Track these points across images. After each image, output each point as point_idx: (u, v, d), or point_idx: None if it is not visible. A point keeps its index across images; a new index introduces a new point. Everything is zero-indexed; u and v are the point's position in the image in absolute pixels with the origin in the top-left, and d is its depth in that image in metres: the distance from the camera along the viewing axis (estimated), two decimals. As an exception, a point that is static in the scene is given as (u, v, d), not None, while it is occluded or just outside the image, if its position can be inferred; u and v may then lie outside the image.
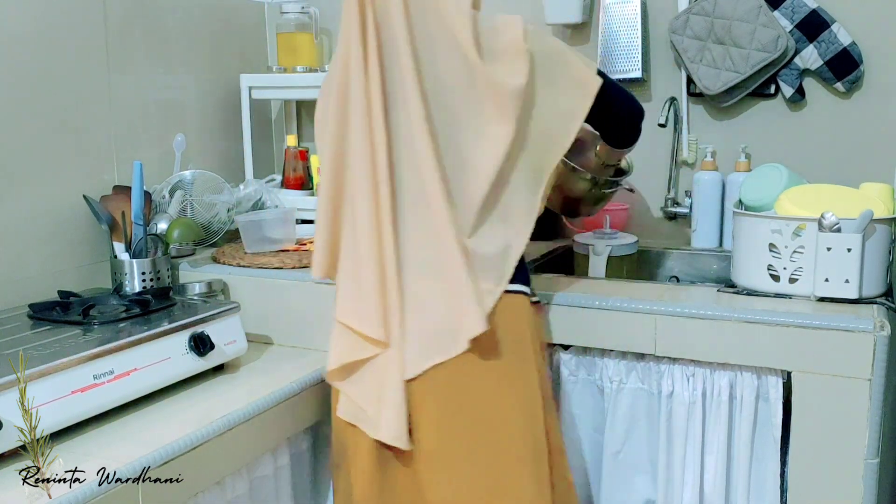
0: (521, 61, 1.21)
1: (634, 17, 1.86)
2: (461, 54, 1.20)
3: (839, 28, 1.72)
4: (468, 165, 1.21)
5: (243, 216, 1.71)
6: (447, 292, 1.18)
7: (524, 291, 1.26)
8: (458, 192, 1.20)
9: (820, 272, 1.32)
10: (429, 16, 1.21)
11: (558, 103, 1.26)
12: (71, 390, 1.13)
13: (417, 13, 1.20)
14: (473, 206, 1.21)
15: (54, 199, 1.57)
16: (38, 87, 1.54)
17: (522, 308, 1.25)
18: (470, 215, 1.21)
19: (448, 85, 1.21)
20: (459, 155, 1.21)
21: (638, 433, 1.40)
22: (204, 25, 1.95)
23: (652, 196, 1.97)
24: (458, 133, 1.21)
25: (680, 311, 1.32)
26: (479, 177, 1.20)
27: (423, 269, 1.20)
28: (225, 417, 1.19)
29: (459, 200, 1.20)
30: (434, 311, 1.19)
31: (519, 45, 1.22)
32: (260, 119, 2.17)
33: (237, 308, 1.45)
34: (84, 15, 1.63)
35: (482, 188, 1.20)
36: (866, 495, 1.23)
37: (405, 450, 1.19)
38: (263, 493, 1.31)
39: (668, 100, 1.81)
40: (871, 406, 1.21)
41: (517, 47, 1.22)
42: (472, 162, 1.21)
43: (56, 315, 1.36)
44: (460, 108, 1.21)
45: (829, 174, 1.73)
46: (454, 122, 1.21)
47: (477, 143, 1.21)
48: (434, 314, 1.19)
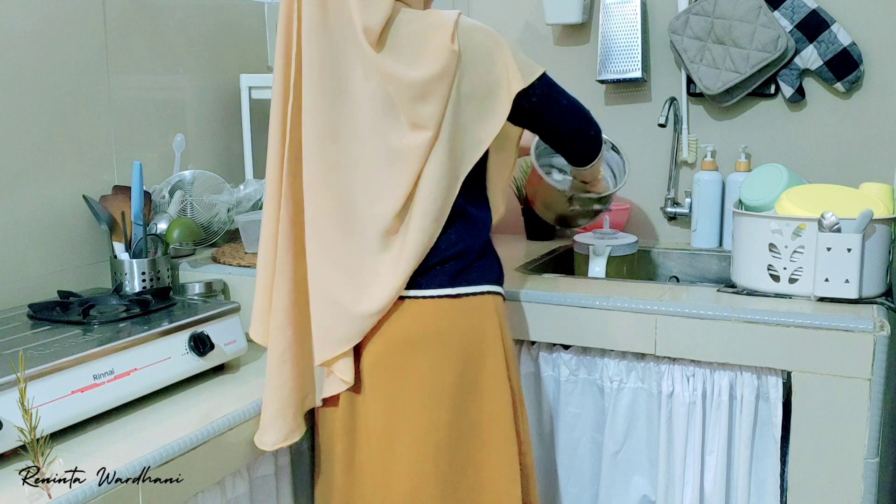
0: (439, 56, 1.14)
1: (634, 17, 1.86)
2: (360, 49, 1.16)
3: (839, 28, 1.72)
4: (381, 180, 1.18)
5: (243, 216, 1.71)
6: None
7: (493, 291, 1.24)
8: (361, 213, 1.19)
9: (820, 272, 1.32)
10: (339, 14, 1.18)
11: (479, 106, 1.19)
12: (71, 390, 1.13)
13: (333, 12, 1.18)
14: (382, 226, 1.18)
15: (54, 199, 1.57)
16: (38, 87, 1.54)
17: (490, 309, 1.23)
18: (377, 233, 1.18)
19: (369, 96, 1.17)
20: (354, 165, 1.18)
21: (638, 433, 1.40)
22: (204, 25, 1.95)
23: (652, 196, 1.97)
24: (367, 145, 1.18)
25: (680, 311, 1.32)
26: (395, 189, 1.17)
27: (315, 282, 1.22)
28: (225, 417, 1.19)
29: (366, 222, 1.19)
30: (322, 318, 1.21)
31: (443, 43, 1.15)
32: (260, 119, 2.17)
33: (237, 308, 1.45)
34: (84, 15, 1.63)
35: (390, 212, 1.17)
36: (866, 495, 1.23)
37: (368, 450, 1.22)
38: (263, 493, 1.31)
39: (668, 100, 1.82)
40: (871, 406, 1.21)
41: (440, 45, 1.15)
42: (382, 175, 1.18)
43: (56, 315, 1.36)
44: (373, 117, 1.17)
45: (829, 174, 1.74)
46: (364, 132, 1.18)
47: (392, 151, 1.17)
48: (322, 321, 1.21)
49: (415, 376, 1.18)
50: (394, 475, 1.19)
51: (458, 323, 1.20)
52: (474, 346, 1.20)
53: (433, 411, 1.18)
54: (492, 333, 1.22)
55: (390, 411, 1.20)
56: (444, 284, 1.20)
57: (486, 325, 1.22)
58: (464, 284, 1.21)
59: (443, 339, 1.19)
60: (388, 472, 1.20)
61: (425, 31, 1.17)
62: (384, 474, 1.20)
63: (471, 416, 1.21)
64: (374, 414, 1.21)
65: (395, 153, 1.16)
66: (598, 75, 1.90)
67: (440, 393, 1.19)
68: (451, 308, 1.20)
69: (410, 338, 1.18)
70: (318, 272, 1.20)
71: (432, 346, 1.18)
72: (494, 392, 1.21)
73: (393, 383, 1.19)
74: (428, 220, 1.17)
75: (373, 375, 1.21)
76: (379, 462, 1.21)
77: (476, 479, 1.22)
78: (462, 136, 1.19)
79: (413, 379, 1.19)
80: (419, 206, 1.17)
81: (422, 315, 1.19)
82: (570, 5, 1.89)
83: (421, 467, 1.18)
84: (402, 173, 1.16)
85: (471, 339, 1.20)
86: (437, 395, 1.18)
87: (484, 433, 1.21)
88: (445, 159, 1.16)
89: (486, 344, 1.21)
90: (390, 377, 1.19)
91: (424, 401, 1.18)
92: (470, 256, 1.22)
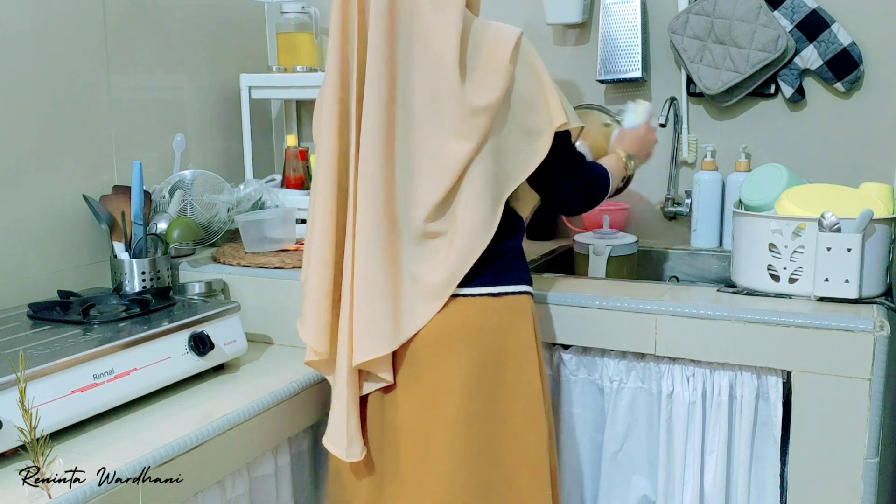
0: (498, 78, 1.18)
1: (634, 17, 1.86)
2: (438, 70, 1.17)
3: (839, 28, 1.72)
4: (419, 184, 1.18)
5: (243, 216, 1.71)
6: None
7: (528, 291, 1.27)
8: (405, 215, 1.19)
9: (820, 272, 1.32)
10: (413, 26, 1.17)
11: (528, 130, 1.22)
12: (71, 390, 1.13)
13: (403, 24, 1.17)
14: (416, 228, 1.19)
15: (54, 199, 1.57)
16: (38, 87, 1.54)
17: (527, 308, 1.26)
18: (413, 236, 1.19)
19: (418, 100, 1.18)
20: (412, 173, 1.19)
21: (638, 433, 1.40)
22: (204, 25, 1.95)
23: (652, 196, 1.97)
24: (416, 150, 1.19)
25: (680, 311, 1.32)
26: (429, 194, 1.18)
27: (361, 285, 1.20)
28: (225, 417, 1.19)
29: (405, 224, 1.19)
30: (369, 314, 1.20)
31: (502, 62, 1.18)
32: (260, 119, 2.17)
33: (237, 308, 1.45)
34: (83, 15, 1.63)
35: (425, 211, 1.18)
36: (866, 494, 1.23)
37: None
38: (264, 493, 1.31)
39: (668, 100, 1.82)
40: (871, 406, 1.21)
41: (499, 64, 1.18)
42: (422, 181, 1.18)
43: (56, 315, 1.36)
44: (424, 124, 1.18)
45: (829, 174, 1.73)
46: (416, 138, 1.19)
47: (435, 158, 1.18)
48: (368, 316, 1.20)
49: (454, 372, 1.19)
50: (428, 470, 1.19)
51: (497, 320, 1.22)
52: (511, 345, 1.22)
53: (470, 408, 1.19)
54: (527, 332, 1.24)
55: (427, 407, 1.20)
56: (485, 283, 1.21)
57: (522, 324, 1.24)
58: (504, 283, 1.23)
59: (483, 336, 1.20)
60: (423, 468, 1.20)
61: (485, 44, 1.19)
62: (418, 470, 1.20)
63: (504, 412, 1.22)
64: (408, 410, 1.21)
65: (436, 157, 1.18)
66: (599, 75, 1.90)
67: (478, 389, 1.19)
68: (492, 306, 1.22)
69: (450, 334, 1.19)
70: (364, 275, 1.19)
71: (472, 342, 1.20)
72: (528, 389, 1.23)
73: (430, 379, 1.20)
74: (472, 230, 1.18)
75: (409, 371, 1.21)
76: (414, 460, 1.20)
77: (507, 475, 1.22)
78: (505, 154, 1.21)
79: (452, 375, 1.19)
80: (463, 218, 1.18)
81: (463, 312, 1.20)
82: (570, 5, 1.88)
83: (456, 462, 1.18)
84: (439, 179, 1.17)
85: (508, 337, 1.22)
86: (475, 392, 1.19)
87: (517, 429, 1.22)
88: (488, 174, 1.18)
89: (522, 342, 1.23)
90: (428, 373, 1.20)
91: (462, 397, 1.19)
92: (509, 257, 1.25)
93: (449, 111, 1.17)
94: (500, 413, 1.21)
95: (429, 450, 1.19)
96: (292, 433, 1.36)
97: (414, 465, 1.20)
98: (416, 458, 1.20)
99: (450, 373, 1.19)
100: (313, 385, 1.39)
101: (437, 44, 1.16)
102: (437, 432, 1.19)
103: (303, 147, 2.01)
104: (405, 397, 1.21)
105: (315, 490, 1.48)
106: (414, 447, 1.20)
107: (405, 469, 1.21)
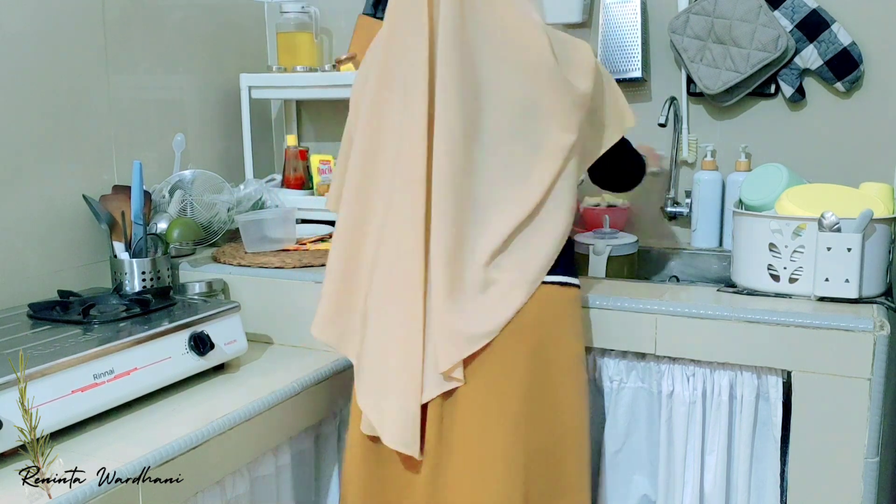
0: (590, 75, 1.25)
1: (634, 17, 1.86)
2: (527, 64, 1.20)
3: (839, 28, 1.72)
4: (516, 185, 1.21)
5: (243, 216, 1.71)
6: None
7: (575, 284, 1.28)
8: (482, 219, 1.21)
9: (820, 272, 1.32)
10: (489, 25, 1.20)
11: (601, 125, 1.30)
12: (71, 390, 1.13)
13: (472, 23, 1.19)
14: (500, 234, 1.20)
15: (54, 199, 1.57)
16: (38, 87, 1.54)
17: (577, 299, 1.29)
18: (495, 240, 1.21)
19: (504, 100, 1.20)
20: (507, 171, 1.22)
21: (638, 433, 1.40)
22: (203, 25, 1.95)
23: (652, 196, 1.97)
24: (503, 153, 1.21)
25: (680, 311, 1.32)
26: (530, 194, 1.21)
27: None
28: (225, 417, 1.19)
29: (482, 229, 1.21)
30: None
31: (591, 60, 1.26)
32: (260, 119, 2.17)
33: (237, 308, 1.45)
34: (83, 14, 1.63)
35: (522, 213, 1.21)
36: (866, 494, 1.23)
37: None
38: (264, 493, 1.31)
39: (668, 99, 1.81)
40: (871, 405, 1.21)
41: (589, 63, 1.26)
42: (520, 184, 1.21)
43: (56, 314, 1.36)
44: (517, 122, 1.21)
45: (829, 174, 1.73)
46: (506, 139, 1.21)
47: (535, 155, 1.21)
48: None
49: (514, 362, 1.20)
50: (490, 463, 1.19)
51: (552, 311, 1.23)
52: (563, 337, 1.24)
53: (528, 398, 1.20)
54: (577, 324, 1.28)
55: (489, 399, 1.19)
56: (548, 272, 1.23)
57: (574, 316, 1.27)
58: (562, 274, 1.25)
59: (539, 327, 1.21)
60: (484, 461, 1.19)
61: (564, 46, 1.25)
62: (479, 463, 1.19)
63: (554, 401, 1.23)
64: (471, 403, 1.20)
65: (543, 152, 1.21)
66: (598, 75, 1.90)
67: (534, 379, 1.21)
68: (552, 295, 1.23)
69: (514, 325, 1.20)
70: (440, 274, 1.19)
71: (532, 332, 1.21)
72: (575, 381, 1.26)
73: (493, 370, 1.20)
74: (564, 212, 1.23)
75: (472, 363, 1.20)
76: (475, 452, 1.20)
77: (557, 465, 1.24)
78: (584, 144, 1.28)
79: (512, 365, 1.20)
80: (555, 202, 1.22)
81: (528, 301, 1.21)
82: (570, 5, 1.88)
83: (516, 455, 1.19)
84: (545, 172, 1.21)
85: (562, 330, 1.25)
86: (532, 382, 1.20)
87: (566, 422, 1.24)
88: (578, 160, 1.25)
89: (573, 334, 1.27)
90: (490, 364, 1.20)
91: (520, 387, 1.19)
92: (568, 248, 1.28)
93: (552, 104, 1.21)
94: (552, 404, 1.23)
95: (490, 442, 1.19)
96: (293, 433, 1.36)
97: (474, 458, 1.20)
98: (476, 450, 1.20)
99: (510, 364, 1.20)
100: (313, 385, 1.39)
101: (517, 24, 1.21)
102: (498, 424, 1.19)
103: (303, 147, 2.02)
104: (466, 390, 1.20)
105: (317, 490, 1.48)
106: (475, 439, 1.20)
107: (465, 462, 1.20)
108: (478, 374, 1.20)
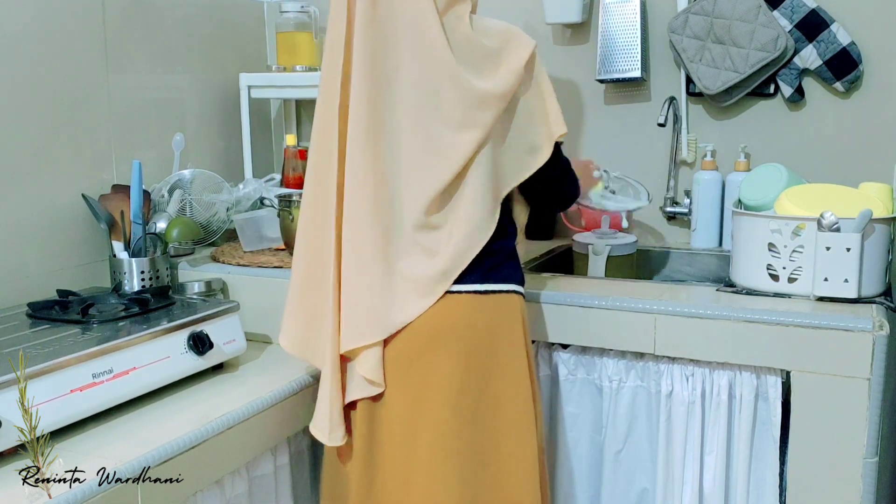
0: (509, 75, 1.21)
1: (634, 17, 1.86)
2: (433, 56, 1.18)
3: (838, 28, 1.72)
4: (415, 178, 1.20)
5: (240, 215, 1.71)
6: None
7: (518, 291, 1.27)
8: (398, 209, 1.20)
9: (819, 272, 1.32)
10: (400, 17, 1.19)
11: (528, 142, 1.27)
12: (70, 389, 1.13)
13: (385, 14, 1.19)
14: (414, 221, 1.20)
15: (53, 199, 1.57)
16: (37, 87, 1.54)
17: (516, 307, 1.26)
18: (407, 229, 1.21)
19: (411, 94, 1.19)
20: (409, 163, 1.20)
21: (637, 432, 1.40)
22: (203, 24, 1.95)
23: (651, 196, 1.97)
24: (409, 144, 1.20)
25: (679, 311, 1.32)
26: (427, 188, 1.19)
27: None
28: (224, 417, 1.19)
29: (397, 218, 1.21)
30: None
31: (516, 65, 1.22)
32: (259, 118, 2.17)
33: (236, 307, 1.45)
34: (83, 14, 1.62)
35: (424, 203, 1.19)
36: (865, 494, 1.23)
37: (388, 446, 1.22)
38: (263, 493, 1.31)
39: (667, 99, 1.82)
40: (870, 405, 1.21)
41: (513, 66, 1.21)
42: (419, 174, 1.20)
43: (55, 314, 1.36)
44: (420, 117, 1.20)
45: (829, 174, 1.74)
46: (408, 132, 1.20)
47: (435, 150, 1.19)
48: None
49: (442, 368, 1.19)
50: (416, 467, 1.20)
51: (486, 318, 1.22)
52: (500, 343, 1.23)
53: (457, 405, 1.19)
54: (516, 332, 1.24)
55: (415, 403, 1.20)
56: (475, 280, 1.22)
57: (511, 322, 1.24)
58: (494, 282, 1.23)
59: (471, 332, 1.21)
60: (410, 465, 1.20)
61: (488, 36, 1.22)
62: (406, 467, 1.21)
63: (493, 412, 1.22)
64: (397, 406, 1.21)
65: (436, 149, 1.19)
66: (598, 75, 1.90)
67: (465, 386, 1.20)
68: (481, 303, 1.22)
69: (438, 331, 1.20)
70: (352, 269, 1.21)
71: (461, 339, 1.20)
72: (517, 389, 1.23)
73: (419, 376, 1.20)
74: (472, 226, 1.20)
75: (398, 368, 1.21)
76: (401, 454, 1.21)
77: (495, 475, 1.22)
78: (504, 158, 1.24)
79: (440, 371, 1.20)
80: (465, 212, 1.20)
81: (451, 309, 1.20)
82: (569, 5, 1.88)
83: (444, 460, 1.19)
84: (439, 170, 1.18)
85: (497, 336, 1.23)
86: (463, 390, 1.20)
87: (506, 429, 1.23)
88: (490, 171, 1.21)
89: (511, 341, 1.24)
90: (416, 370, 1.20)
91: (450, 393, 1.19)
92: (500, 255, 1.25)
93: (449, 100, 1.18)
94: (489, 412, 1.22)
95: (416, 446, 1.20)
96: (291, 432, 1.36)
97: (401, 461, 1.21)
98: (403, 453, 1.21)
99: (438, 370, 1.20)
100: (313, 384, 1.39)
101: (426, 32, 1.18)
102: (424, 429, 1.19)
103: (302, 147, 2.01)
104: (393, 393, 1.22)
105: (315, 489, 1.48)
106: (401, 442, 1.21)
107: (393, 464, 1.22)
108: (403, 380, 1.21)
